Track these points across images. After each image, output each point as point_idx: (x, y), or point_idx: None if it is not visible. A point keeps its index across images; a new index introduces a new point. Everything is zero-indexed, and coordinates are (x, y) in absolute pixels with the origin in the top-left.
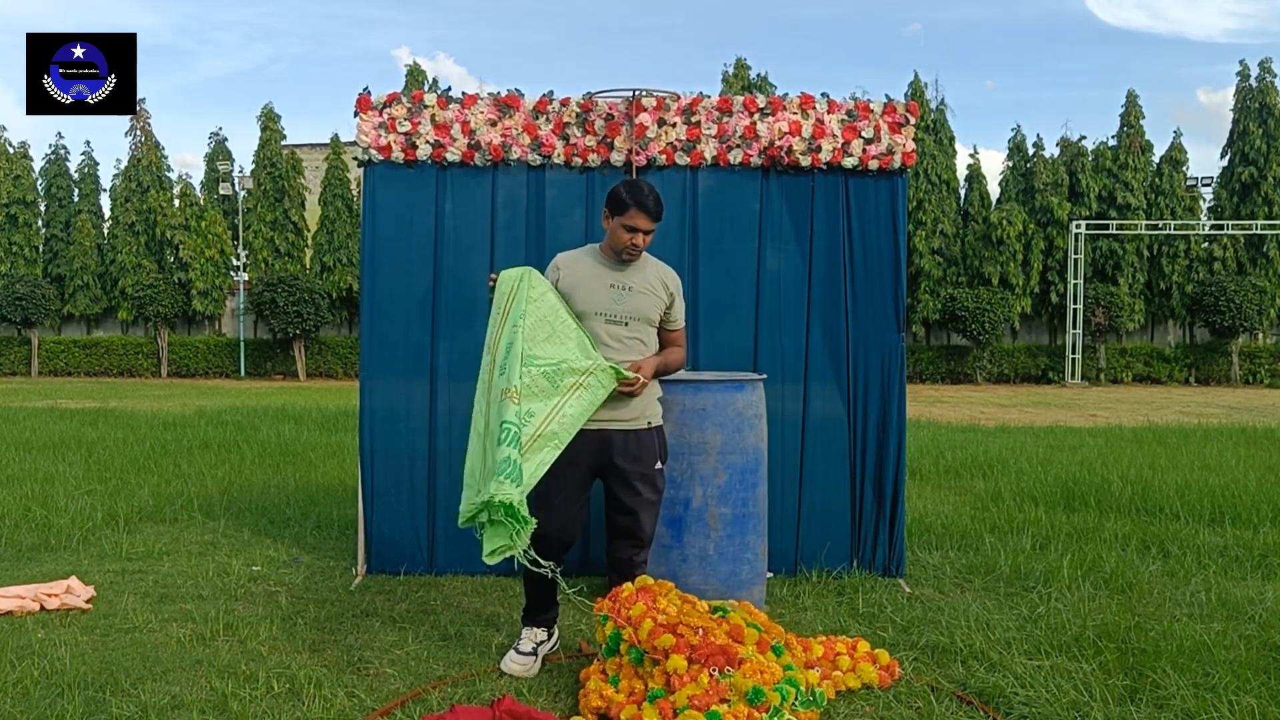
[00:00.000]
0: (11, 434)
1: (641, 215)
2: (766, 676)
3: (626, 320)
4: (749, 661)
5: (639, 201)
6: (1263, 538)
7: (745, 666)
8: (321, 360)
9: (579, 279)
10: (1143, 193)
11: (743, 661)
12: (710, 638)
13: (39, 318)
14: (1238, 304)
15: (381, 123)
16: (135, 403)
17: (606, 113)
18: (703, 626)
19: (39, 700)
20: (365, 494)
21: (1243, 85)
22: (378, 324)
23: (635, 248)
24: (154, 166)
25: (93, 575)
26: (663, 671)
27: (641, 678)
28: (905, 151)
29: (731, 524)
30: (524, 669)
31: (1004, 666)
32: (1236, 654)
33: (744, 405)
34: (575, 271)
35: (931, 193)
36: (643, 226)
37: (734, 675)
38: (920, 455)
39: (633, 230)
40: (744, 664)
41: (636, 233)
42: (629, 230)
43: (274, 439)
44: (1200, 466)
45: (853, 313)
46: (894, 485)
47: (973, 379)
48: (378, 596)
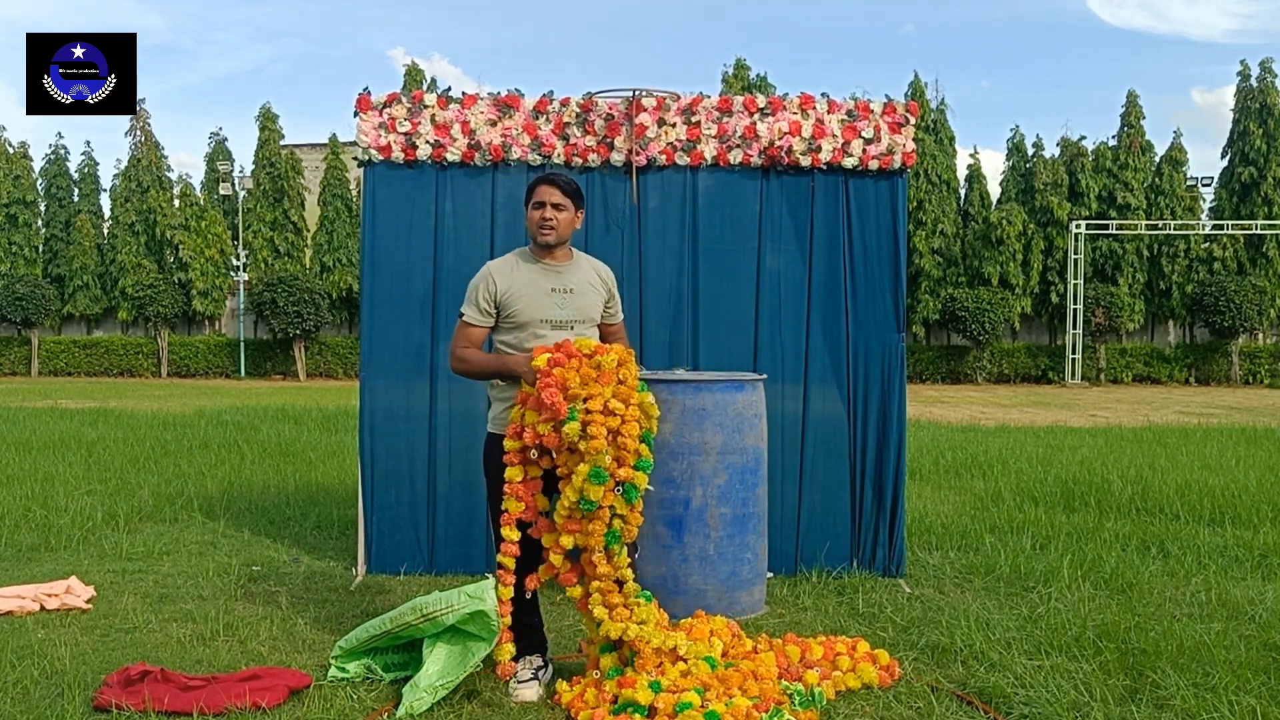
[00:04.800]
0: (11, 434)
1: (544, 185)
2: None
3: (571, 324)
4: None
5: (542, 177)
6: (1263, 538)
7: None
8: (321, 360)
9: (519, 289)
10: (1143, 193)
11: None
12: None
13: (39, 318)
14: (1238, 304)
15: (381, 122)
16: (135, 403)
17: (606, 113)
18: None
19: (39, 700)
20: (365, 494)
21: (1243, 85)
22: (378, 324)
23: (548, 222)
24: (154, 166)
25: (93, 575)
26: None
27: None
28: (905, 151)
29: (731, 524)
30: (534, 693)
31: (1004, 666)
32: (1236, 654)
33: (744, 405)
34: (513, 281)
35: (931, 193)
36: (548, 198)
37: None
38: (920, 455)
39: (540, 205)
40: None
41: (544, 206)
42: (537, 206)
43: (274, 439)
44: (1200, 466)
45: (853, 313)
46: (894, 485)
47: (973, 379)
48: (378, 596)
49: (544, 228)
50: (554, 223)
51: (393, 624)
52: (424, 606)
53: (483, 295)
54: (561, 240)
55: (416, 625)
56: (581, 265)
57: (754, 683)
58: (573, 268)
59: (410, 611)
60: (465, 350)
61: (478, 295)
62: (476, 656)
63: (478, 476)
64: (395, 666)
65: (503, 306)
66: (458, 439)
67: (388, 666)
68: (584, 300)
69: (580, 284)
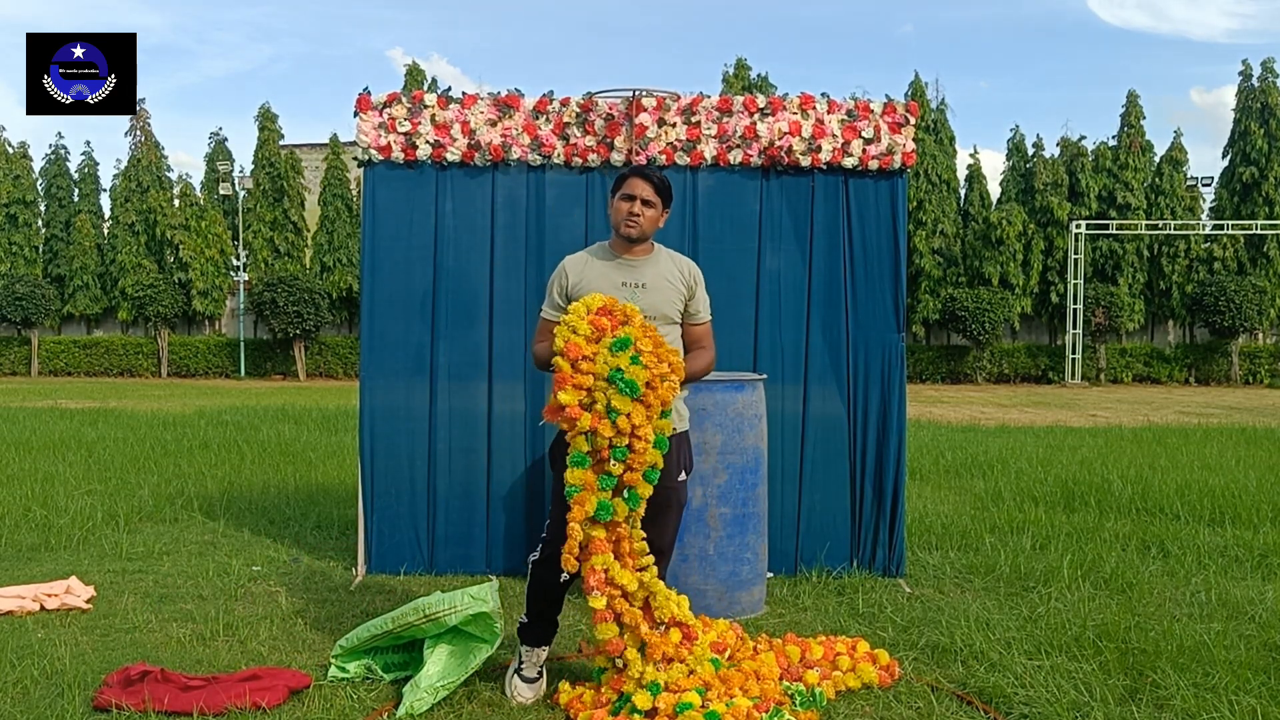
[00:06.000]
0: (11, 434)
1: (637, 179)
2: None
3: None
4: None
5: (636, 170)
6: (1263, 538)
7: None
8: (321, 360)
9: (590, 282)
10: (1143, 193)
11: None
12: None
13: (39, 318)
14: (1238, 304)
15: (381, 122)
16: (135, 403)
17: (606, 113)
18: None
19: (39, 700)
20: (365, 494)
21: (1245, 85)
22: (378, 324)
23: (634, 217)
24: (154, 166)
25: (93, 575)
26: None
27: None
28: (905, 151)
29: (731, 524)
30: (535, 694)
31: (1004, 666)
32: (1236, 654)
33: (744, 405)
34: (584, 274)
35: (931, 193)
36: (640, 192)
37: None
38: (920, 455)
39: (629, 198)
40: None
41: (634, 200)
42: (626, 198)
43: (274, 439)
44: (1200, 466)
45: (853, 313)
46: (894, 485)
47: (973, 379)
48: (378, 596)
49: (630, 221)
50: (641, 217)
51: (394, 624)
52: (426, 607)
53: (557, 290)
54: (644, 236)
55: (418, 625)
56: (660, 260)
57: (755, 683)
58: (649, 262)
59: (413, 612)
60: (538, 345)
61: (553, 290)
62: (478, 658)
63: (478, 476)
64: (395, 666)
65: (574, 300)
66: (457, 439)
67: (388, 666)
68: (658, 296)
69: (655, 279)
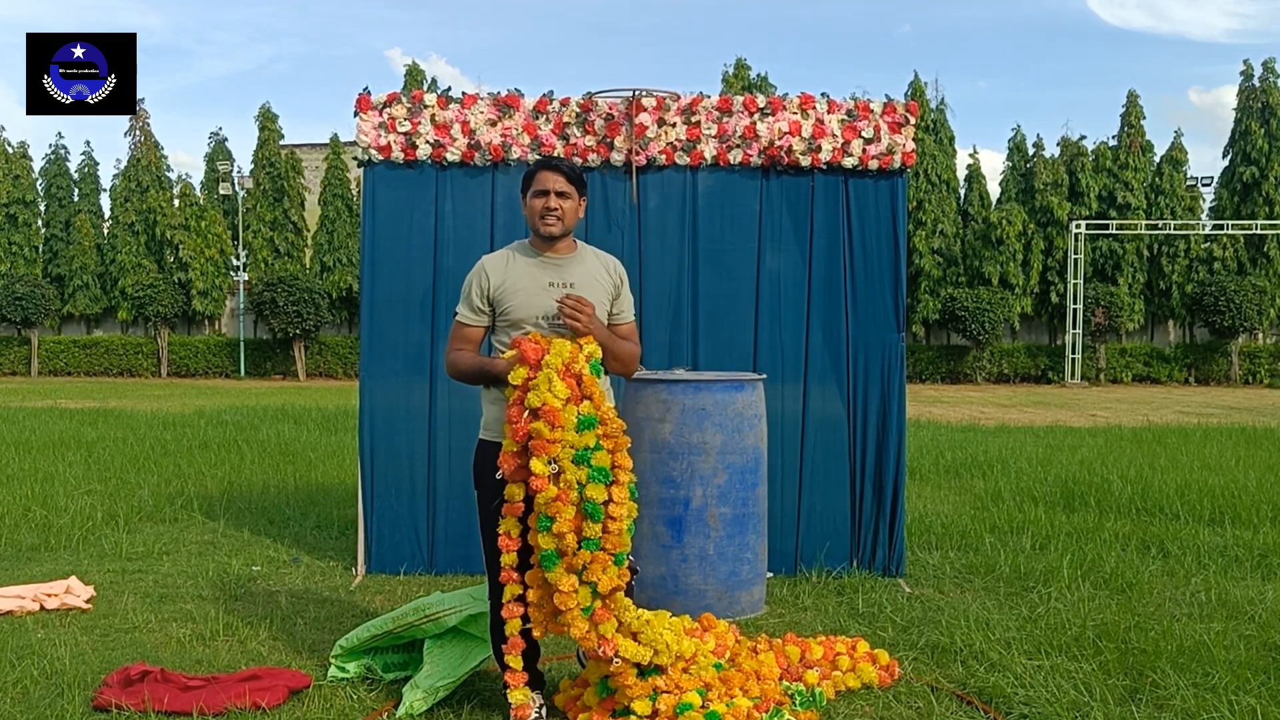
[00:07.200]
0: (11, 434)
1: (546, 172)
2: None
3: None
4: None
5: (543, 162)
6: (1263, 538)
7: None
8: (321, 360)
9: (513, 283)
10: (1143, 193)
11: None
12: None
13: (39, 318)
14: (1238, 304)
15: (381, 122)
16: (135, 403)
17: (606, 113)
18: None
19: (39, 700)
20: (365, 494)
21: (1245, 85)
22: (378, 324)
23: (552, 211)
24: (154, 166)
25: (93, 575)
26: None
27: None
28: (905, 151)
29: (731, 524)
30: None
31: (1004, 666)
32: (1236, 654)
33: (744, 405)
34: (508, 275)
35: (931, 193)
36: (552, 185)
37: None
38: (920, 455)
39: (542, 193)
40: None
41: (547, 194)
42: (539, 194)
43: (274, 439)
44: (1200, 466)
45: (853, 312)
46: (894, 485)
47: (972, 379)
48: (377, 596)
49: (547, 218)
50: (559, 212)
51: (395, 624)
52: (427, 607)
53: (475, 291)
54: (566, 231)
55: (419, 625)
56: (586, 258)
57: (755, 683)
58: (575, 260)
59: (413, 612)
60: (455, 352)
61: (471, 291)
62: (477, 658)
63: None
64: (395, 666)
65: (497, 303)
66: (457, 439)
67: (388, 666)
68: (587, 296)
69: (583, 278)
